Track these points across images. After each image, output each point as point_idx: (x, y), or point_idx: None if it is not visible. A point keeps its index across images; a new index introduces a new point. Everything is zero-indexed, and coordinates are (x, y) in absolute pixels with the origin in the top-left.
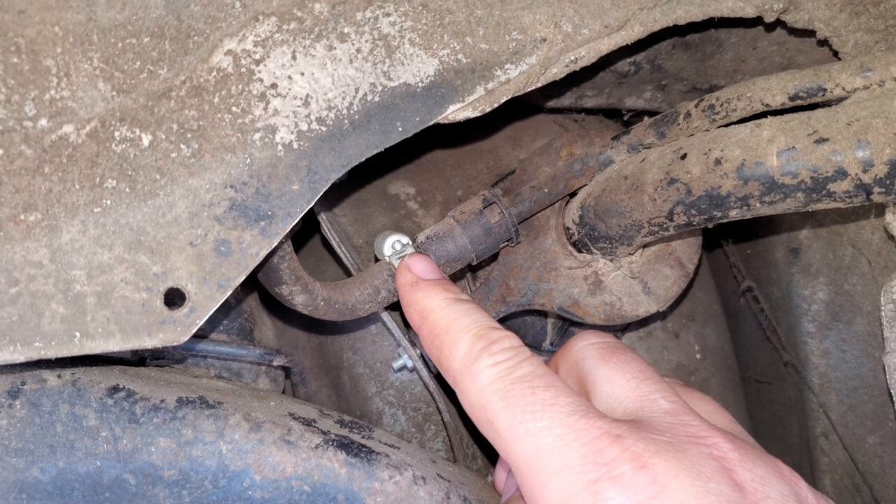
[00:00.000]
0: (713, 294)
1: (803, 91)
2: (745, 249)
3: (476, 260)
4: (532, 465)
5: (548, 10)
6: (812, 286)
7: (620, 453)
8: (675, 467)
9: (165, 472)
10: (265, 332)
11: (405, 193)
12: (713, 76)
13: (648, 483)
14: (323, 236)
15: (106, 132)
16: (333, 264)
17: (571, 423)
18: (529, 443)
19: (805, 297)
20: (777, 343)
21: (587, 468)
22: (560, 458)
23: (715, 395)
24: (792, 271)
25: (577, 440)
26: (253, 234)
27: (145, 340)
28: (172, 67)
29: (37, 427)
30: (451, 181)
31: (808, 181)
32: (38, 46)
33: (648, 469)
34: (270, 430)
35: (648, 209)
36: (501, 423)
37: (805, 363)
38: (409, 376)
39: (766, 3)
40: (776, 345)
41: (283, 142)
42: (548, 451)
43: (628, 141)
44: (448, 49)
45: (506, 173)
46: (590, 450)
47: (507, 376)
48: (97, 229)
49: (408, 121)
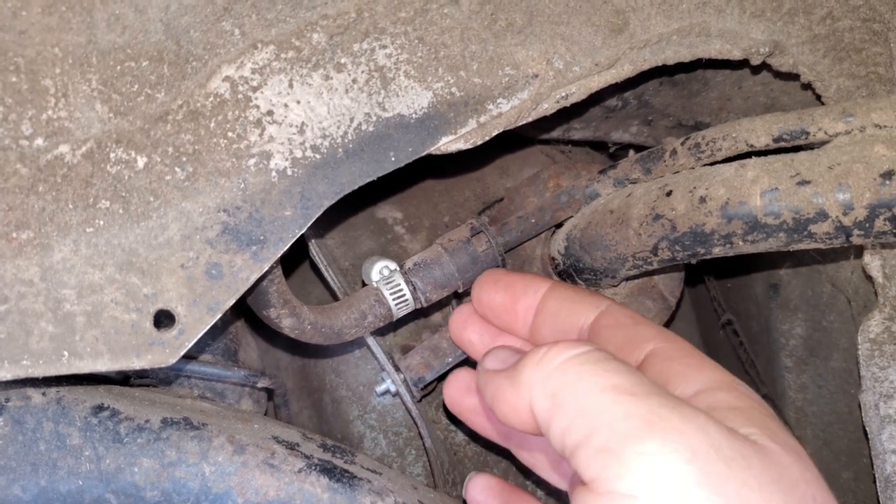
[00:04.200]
0: (693, 326)
1: (787, 133)
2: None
3: (462, 287)
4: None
5: (540, 46)
6: (791, 321)
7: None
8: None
9: (148, 493)
10: (249, 353)
11: (392, 218)
12: (699, 113)
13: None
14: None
15: (101, 153)
16: (319, 286)
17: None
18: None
19: (783, 332)
20: (755, 376)
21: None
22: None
23: None
24: (771, 306)
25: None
26: (244, 258)
27: (134, 361)
28: (170, 91)
29: (19, 444)
30: (438, 207)
31: (790, 221)
32: (37, 66)
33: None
34: (254, 453)
35: (633, 243)
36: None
37: (782, 397)
38: (391, 401)
39: (753, 47)
40: (754, 378)
41: (277, 168)
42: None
43: (615, 175)
44: (442, 82)
45: (492, 201)
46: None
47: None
48: (89, 249)
49: (401, 151)
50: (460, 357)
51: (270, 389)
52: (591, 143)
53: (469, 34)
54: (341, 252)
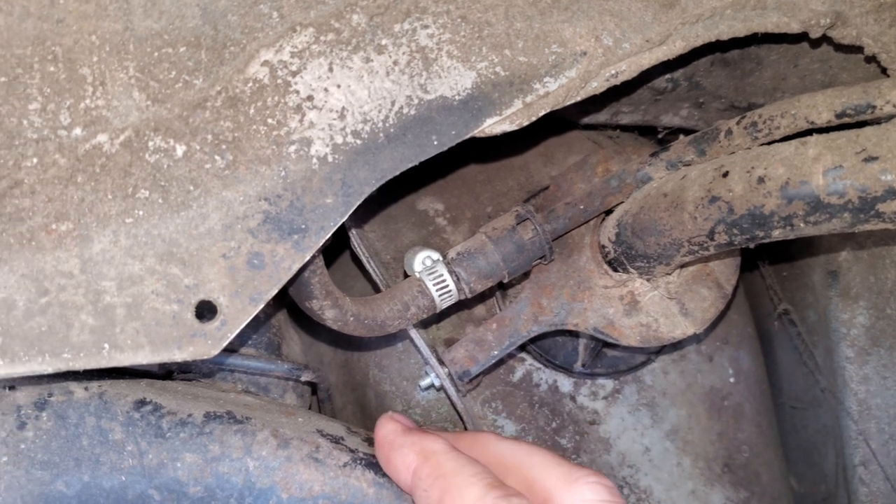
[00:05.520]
0: (747, 316)
1: (851, 108)
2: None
3: (508, 277)
4: None
5: (588, 23)
6: (851, 310)
7: None
8: None
9: (191, 488)
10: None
11: (434, 209)
12: (752, 94)
13: None
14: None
15: (140, 142)
16: (360, 279)
17: None
18: None
19: (844, 322)
20: (814, 368)
21: None
22: None
23: (748, 419)
24: (830, 294)
25: None
26: (286, 247)
27: (175, 353)
28: (208, 77)
29: (63, 440)
30: (480, 197)
31: (855, 201)
32: (74, 55)
33: None
34: (298, 447)
35: (689, 227)
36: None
37: (843, 389)
38: (435, 395)
39: (813, 19)
40: (812, 370)
41: (317, 155)
42: None
43: (667, 158)
44: (486, 62)
45: (537, 190)
46: None
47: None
48: (129, 240)
49: (444, 134)
50: (506, 350)
51: (314, 384)
52: (639, 129)
53: (514, 11)
54: (382, 245)
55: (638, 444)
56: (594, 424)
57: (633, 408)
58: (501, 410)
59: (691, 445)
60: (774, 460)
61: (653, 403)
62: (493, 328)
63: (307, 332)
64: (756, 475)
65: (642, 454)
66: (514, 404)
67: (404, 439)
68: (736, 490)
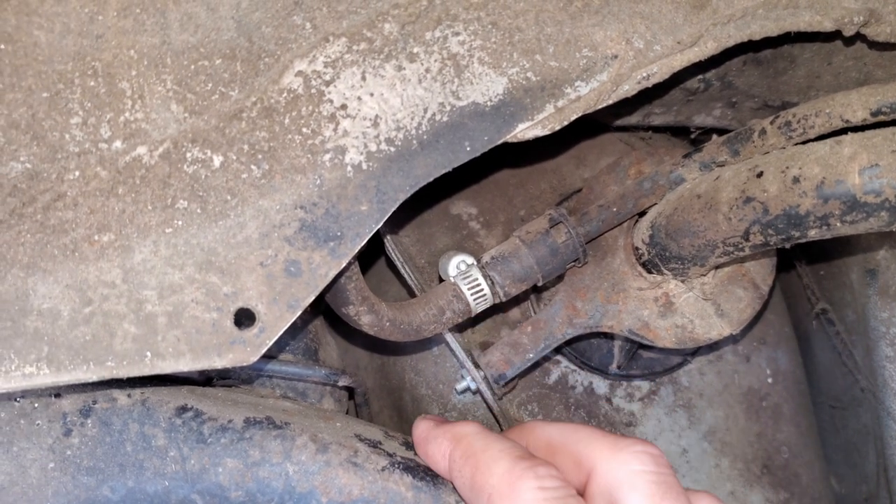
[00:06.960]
0: (784, 316)
1: (886, 106)
2: (818, 270)
3: (542, 280)
4: None
5: (619, 26)
6: (891, 309)
7: None
8: None
9: (232, 493)
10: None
11: (467, 213)
12: (785, 93)
13: None
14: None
15: (178, 153)
16: (395, 285)
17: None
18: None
19: (883, 321)
20: (853, 367)
21: None
22: None
23: (787, 420)
24: (868, 293)
25: None
26: (322, 254)
27: (215, 360)
28: (244, 89)
29: (107, 446)
30: (513, 201)
31: (892, 199)
32: (113, 70)
33: None
34: (337, 451)
35: (723, 228)
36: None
37: (883, 388)
38: (471, 398)
39: (846, 16)
40: (852, 369)
41: (352, 162)
42: None
43: (700, 159)
44: (517, 67)
45: (570, 193)
46: None
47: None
48: (168, 250)
49: (476, 140)
50: (542, 353)
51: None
52: (672, 130)
53: (544, 16)
54: (416, 250)
55: (675, 445)
56: (631, 426)
57: (669, 409)
58: (537, 413)
59: (729, 447)
60: (814, 461)
61: (690, 405)
62: (528, 331)
63: (343, 338)
64: (796, 476)
65: (680, 456)
66: (550, 407)
67: (438, 430)
68: (776, 491)
